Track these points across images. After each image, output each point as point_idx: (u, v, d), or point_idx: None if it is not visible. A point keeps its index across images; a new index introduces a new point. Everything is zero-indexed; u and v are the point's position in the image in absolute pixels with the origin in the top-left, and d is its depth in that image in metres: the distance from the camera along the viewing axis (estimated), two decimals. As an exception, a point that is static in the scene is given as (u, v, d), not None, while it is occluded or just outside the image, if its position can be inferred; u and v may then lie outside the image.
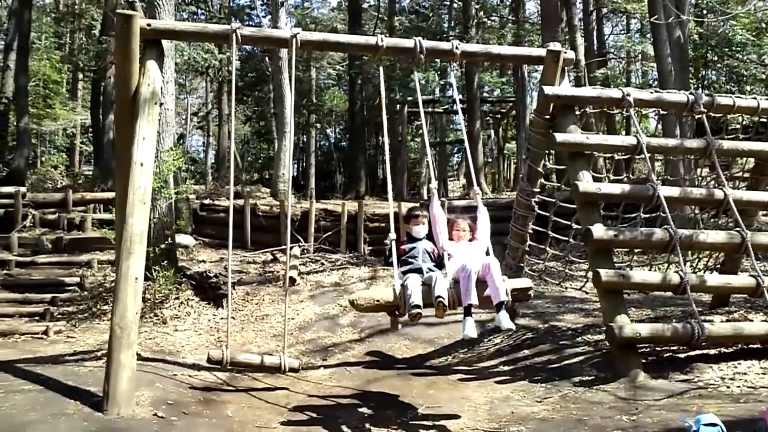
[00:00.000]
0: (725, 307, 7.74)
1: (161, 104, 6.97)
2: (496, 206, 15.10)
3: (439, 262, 5.50)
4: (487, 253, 5.57)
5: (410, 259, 5.49)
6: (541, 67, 7.29)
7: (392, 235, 5.52)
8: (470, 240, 5.74)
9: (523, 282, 5.59)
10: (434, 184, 6.06)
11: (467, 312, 5.15)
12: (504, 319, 5.06)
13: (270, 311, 9.75)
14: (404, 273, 5.32)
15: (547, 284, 10.21)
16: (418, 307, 4.92)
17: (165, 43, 7.03)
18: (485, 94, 27.87)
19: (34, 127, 24.42)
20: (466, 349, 7.77)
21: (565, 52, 7.11)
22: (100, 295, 10.02)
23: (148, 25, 6.43)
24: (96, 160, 22.74)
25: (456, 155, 36.13)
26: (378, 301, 5.13)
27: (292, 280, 10.90)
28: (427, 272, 5.29)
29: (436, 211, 5.60)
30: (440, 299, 4.94)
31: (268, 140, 29.86)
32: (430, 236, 5.65)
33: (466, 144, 7.31)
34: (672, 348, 6.48)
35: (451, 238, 5.65)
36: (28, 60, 19.85)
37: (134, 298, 5.68)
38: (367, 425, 5.23)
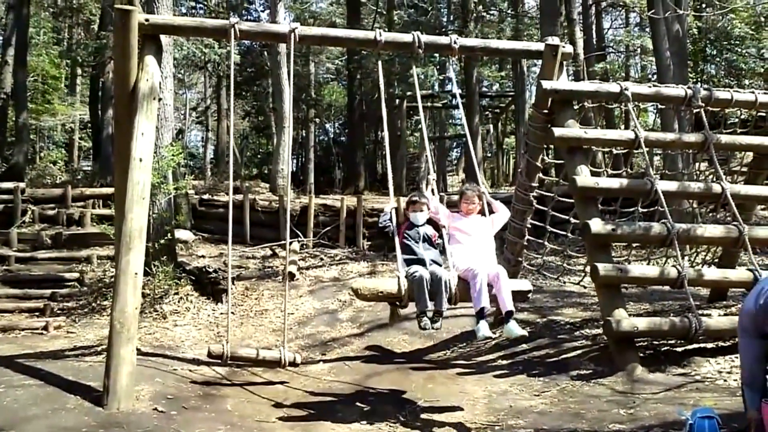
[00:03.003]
0: (723, 301, 7.76)
1: (160, 99, 6.98)
2: (494, 201, 15.14)
3: (439, 249, 5.50)
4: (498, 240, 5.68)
5: (410, 243, 5.43)
6: (540, 62, 7.29)
7: (393, 203, 5.73)
8: (479, 213, 5.72)
9: (523, 284, 5.59)
10: (432, 175, 6.17)
11: (481, 315, 5.14)
12: (515, 328, 5.14)
13: (269, 306, 9.77)
14: (408, 263, 5.28)
15: (546, 279, 10.23)
16: (424, 314, 5.04)
17: (163, 38, 7.04)
18: (484, 89, 27.86)
19: (33, 122, 24.39)
20: (464, 344, 7.80)
21: (564, 47, 7.11)
22: (99, 290, 10.05)
23: (147, 20, 6.43)
24: (95, 155, 22.70)
25: (455, 150, 36.14)
26: (381, 292, 5.12)
27: (292, 275, 10.93)
28: (430, 264, 5.26)
29: (434, 204, 5.66)
30: (438, 316, 5.11)
31: (267, 135, 29.81)
32: (429, 222, 5.62)
33: (469, 139, 7.30)
34: (669, 342, 6.51)
35: (460, 210, 5.66)
36: (27, 55, 19.79)
37: (134, 294, 5.70)
38: (366, 419, 5.25)
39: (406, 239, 5.45)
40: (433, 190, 5.82)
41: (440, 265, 5.32)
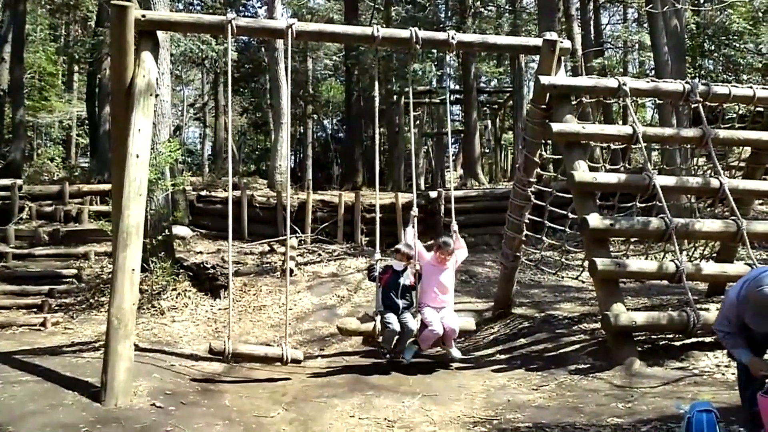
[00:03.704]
0: (721, 296, 7.76)
1: (157, 95, 6.97)
2: (492, 196, 15.16)
3: (412, 286, 6.70)
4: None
5: (390, 291, 6.57)
6: (538, 57, 7.28)
7: (377, 256, 6.76)
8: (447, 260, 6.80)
9: (469, 324, 6.95)
10: (414, 211, 6.94)
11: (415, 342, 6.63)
12: (455, 353, 6.66)
13: (267, 302, 9.77)
14: (385, 307, 6.51)
15: (544, 273, 10.26)
16: (390, 352, 6.59)
17: (160, 34, 7.00)
18: (482, 85, 27.85)
19: (30, 119, 24.35)
20: (462, 338, 7.80)
21: (562, 42, 7.11)
22: (97, 286, 10.04)
23: (143, 16, 6.41)
24: (92, 152, 22.68)
25: (453, 146, 36.13)
26: (360, 331, 6.55)
27: (290, 271, 10.92)
28: (402, 312, 6.50)
29: (409, 240, 6.78)
30: (403, 359, 6.63)
31: (265, 132, 29.83)
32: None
33: (449, 136, 7.28)
34: (668, 336, 6.52)
35: (435, 255, 6.77)
36: (24, 52, 19.73)
37: (131, 290, 5.69)
38: (364, 414, 5.25)
39: (387, 288, 6.59)
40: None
41: (410, 307, 6.62)
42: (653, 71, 16.32)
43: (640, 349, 6.17)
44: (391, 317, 6.38)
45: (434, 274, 6.71)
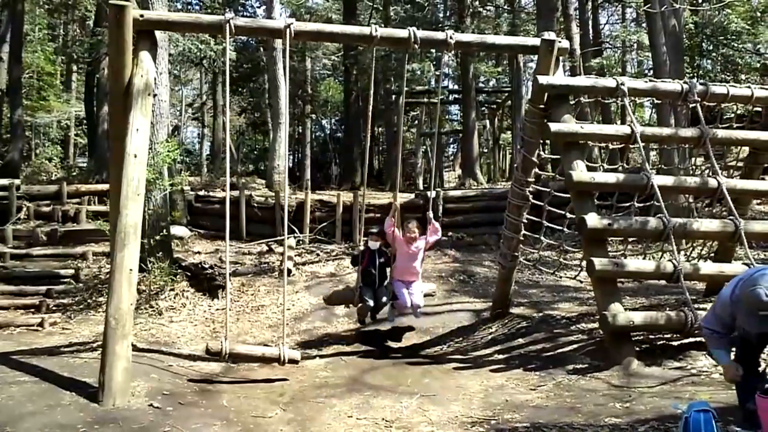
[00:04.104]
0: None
1: (155, 95, 6.97)
2: (490, 196, 15.17)
3: (388, 263, 7.65)
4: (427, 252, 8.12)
5: (370, 268, 7.63)
6: (536, 57, 7.28)
7: (361, 246, 8.09)
8: (419, 237, 7.56)
9: (430, 289, 8.26)
10: (396, 203, 7.51)
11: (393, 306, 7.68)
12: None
13: (265, 302, 9.77)
14: (364, 283, 7.57)
15: (542, 273, 10.25)
16: (368, 303, 7.54)
17: (158, 33, 7.01)
18: (481, 85, 27.84)
19: (28, 119, 24.31)
20: (461, 338, 7.81)
21: (560, 42, 7.10)
22: (95, 286, 10.04)
23: (141, 16, 6.41)
24: (90, 152, 22.64)
25: (452, 146, 36.13)
26: (342, 299, 7.97)
27: (288, 271, 10.91)
28: (378, 287, 7.61)
29: (387, 229, 7.52)
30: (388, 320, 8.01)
31: (264, 131, 29.78)
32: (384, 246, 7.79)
33: (433, 138, 7.29)
34: (665, 336, 6.51)
35: (405, 235, 7.51)
36: (22, 52, 19.72)
37: (129, 290, 5.69)
38: (362, 414, 5.25)
39: (367, 266, 7.64)
40: (395, 216, 7.53)
41: (384, 281, 7.65)
42: (651, 71, 16.31)
43: (637, 348, 6.17)
44: (367, 292, 7.50)
45: (404, 253, 7.48)
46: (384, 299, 7.54)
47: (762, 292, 3.49)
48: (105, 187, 14.08)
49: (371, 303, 7.49)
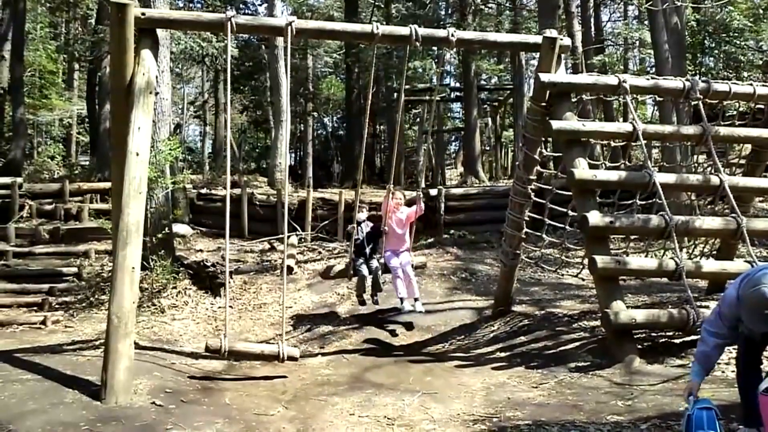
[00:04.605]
0: (721, 293, 7.74)
1: (157, 93, 6.96)
2: (493, 194, 15.17)
3: (375, 233, 8.35)
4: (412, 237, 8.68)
5: (359, 241, 8.29)
6: (538, 55, 7.27)
7: (358, 217, 8.34)
8: (405, 205, 8.60)
9: (419, 262, 8.70)
10: (391, 185, 7.96)
11: (401, 301, 7.92)
12: (418, 305, 7.95)
13: (268, 300, 9.78)
14: (356, 255, 8.21)
15: (544, 271, 10.25)
16: (363, 301, 8.43)
17: (160, 32, 7.00)
18: (483, 82, 27.81)
19: (31, 117, 24.34)
20: (462, 336, 7.81)
21: (562, 39, 7.08)
22: (97, 284, 10.05)
23: (143, 14, 6.40)
24: (92, 150, 22.67)
25: (453, 144, 36.11)
26: (338, 271, 8.39)
27: (290, 269, 10.92)
28: (369, 257, 8.28)
29: (384, 202, 8.00)
30: (371, 296, 8.40)
31: (265, 129, 29.80)
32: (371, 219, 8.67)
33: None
34: (668, 334, 6.51)
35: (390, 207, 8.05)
36: (24, 50, 19.73)
37: (131, 288, 5.69)
38: (364, 412, 5.26)
39: (356, 240, 8.24)
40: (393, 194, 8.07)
41: (375, 252, 8.28)
42: (653, 68, 16.29)
43: (640, 346, 6.17)
44: (360, 263, 8.14)
45: (394, 225, 8.13)
46: (374, 265, 8.11)
47: (767, 291, 3.48)
48: (107, 185, 14.12)
49: (365, 272, 8.10)
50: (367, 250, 8.29)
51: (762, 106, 7.53)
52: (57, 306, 9.54)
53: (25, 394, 5.22)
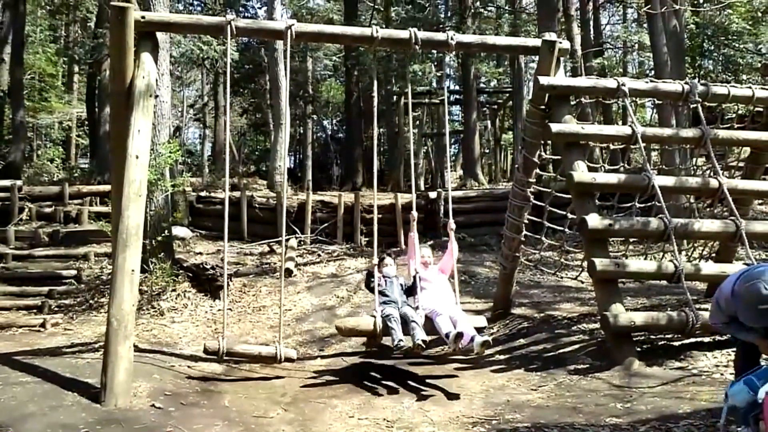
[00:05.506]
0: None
1: (156, 96, 6.97)
2: (492, 197, 15.18)
3: (409, 289, 6.63)
4: (451, 275, 6.91)
5: (386, 292, 6.49)
6: (537, 58, 7.28)
7: (375, 260, 6.71)
8: (433, 264, 6.94)
9: (480, 321, 6.50)
10: (414, 213, 6.79)
11: (447, 337, 6.00)
12: (482, 337, 5.99)
13: (267, 302, 9.78)
14: (382, 304, 6.32)
15: (543, 274, 10.25)
16: (402, 341, 5.95)
17: (160, 35, 7.02)
18: (482, 85, 27.82)
19: (30, 120, 24.36)
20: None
21: (561, 42, 7.11)
22: (97, 287, 10.05)
23: (143, 17, 6.43)
24: (92, 153, 22.68)
25: (453, 146, 36.08)
26: (360, 329, 6.29)
27: (289, 272, 10.94)
28: (402, 306, 6.37)
29: (410, 243, 6.74)
30: (420, 344, 5.91)
31: (265, 132, 29.80)
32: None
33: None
34: (667, 336, 6.52)
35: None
36: (24, 53, 19.75)
37: (131, 290, 5.70)
38: (364, 414, 5.26)
39: (381, 287, 6.48)
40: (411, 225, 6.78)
41: (411, 306, 6.37)
42: (653, 71, 16.31)
43: (639, 349, 6.18)
44: (390, 309, 6.20)
45: (429, 287, 6.56)
46: (409, 312, 6.19)
47: (761, 286, 3.49)
48: (107, 188, 14.14)
49: (400, 337, 5.94)
50: (399, 299, 6.46)
51: (761, 109, 7.55)
52: (56, 309, 9.54)
53: (24, 397, 5.22)
